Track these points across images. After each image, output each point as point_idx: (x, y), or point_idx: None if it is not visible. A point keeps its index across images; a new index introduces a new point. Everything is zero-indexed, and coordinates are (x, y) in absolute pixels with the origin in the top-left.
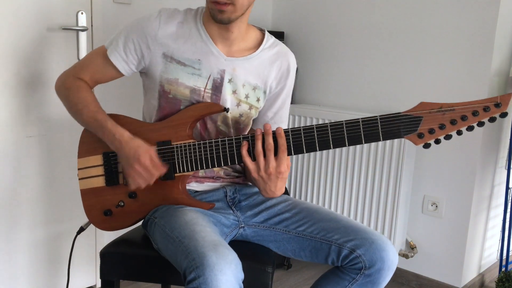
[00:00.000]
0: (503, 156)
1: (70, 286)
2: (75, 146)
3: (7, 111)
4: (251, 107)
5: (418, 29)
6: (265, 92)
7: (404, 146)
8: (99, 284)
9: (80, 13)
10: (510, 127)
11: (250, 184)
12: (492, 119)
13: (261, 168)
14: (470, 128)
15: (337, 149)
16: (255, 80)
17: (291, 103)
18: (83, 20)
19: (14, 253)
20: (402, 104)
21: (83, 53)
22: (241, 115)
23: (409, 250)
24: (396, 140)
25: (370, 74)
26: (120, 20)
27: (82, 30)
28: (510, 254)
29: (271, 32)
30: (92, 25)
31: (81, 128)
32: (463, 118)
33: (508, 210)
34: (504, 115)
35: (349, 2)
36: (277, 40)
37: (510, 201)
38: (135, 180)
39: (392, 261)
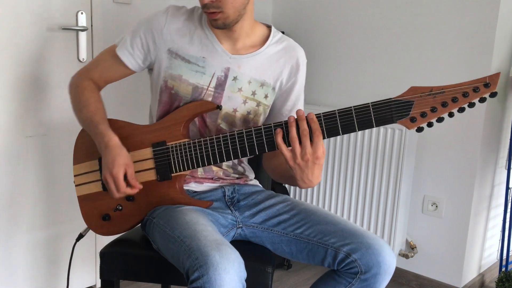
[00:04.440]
0: (503, 156)
1: (70, 286)
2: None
3: (7, 111)
4: (258, 104)
5: (418, 29)
6: (274, 89)
7: (404, 146)
8: (99, 284)
9: (80, 13)
10: (510, 127)
11: (250, 183)
12: (482, 99)
13: (297, 154)
14: (461, 110)
15: (337, 149)
16: (262, 76)
17: None
18: (83, 20)
19: (14, 253)
20: None
21: (83, 53)
22: (249, 112)
23: (409, 250)
24: (396, 139)
25: (370, 74)
26: (120, 20)
27: (82, 30)
28: (510, 254)
29: None
30: (92, 25)
31: (80, 128)
32: (454, 99)
33: (508, 210)
34: (493, 94)
35: (349, 2)
36: (285, 36)
37: (510, 201)
38: (107, 186)
39: (389, 265)
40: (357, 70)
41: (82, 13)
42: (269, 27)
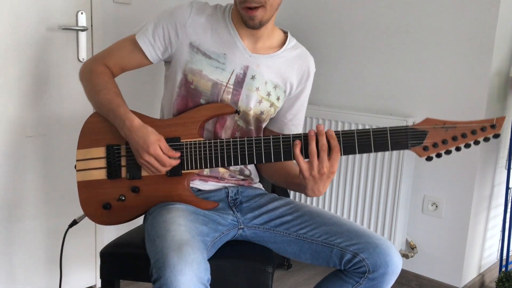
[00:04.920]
0: (503, 156)
1: (70, 286)
2: (75, 146)
3: (7, 111)
4: (271, 104)
5: (418, 29)
6: (285, 92)
7: None
8: (99, 284)
9: (80, 13)
10: (510, 127)
11: (254, 186)
12: (486, 139)
13: (314, 168)
14: (467, 146)
15: None
16: (277, 78)
17: None
18: (83, 20)
19: (14, 252)
20: (402, 104)
21: (83, 53)
22: (262, 112)
23: (409, 250)
24: None
25: (370, 74)
26: (120, 20)
27: (82, 30)
28: (510, 254)
29: None
30: (92, 25)
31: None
32: (463, 135)
33: (508, 210)
34: (496, 136)
35: (350, 2)
36: (299, 43)
37: (510, 201)
38: (147, 169)
39: (396, 265)
40: (357, 70)
41: (82, 13)
42: (285, 32)
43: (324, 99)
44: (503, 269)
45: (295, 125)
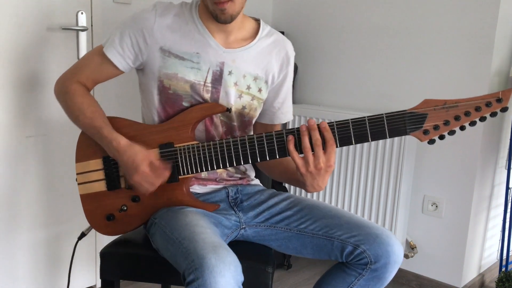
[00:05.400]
0: (503, 156)
1: (70, 286)
2: (74, 146)
3: (7, 111)
4: (253, 97)
5: (418, 29)
6: (266, 82)
7: (404, 146)
8: (99, 284)
9: (80, 13)
10: (510, 127)
11: (253, 183)
12: (493, 114)
13: (310, 163)
14: (473, 123)
15: (337, 149)
16: (256, 70)
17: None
18: (83, 20)
19: (14, 253)
20: (402, 104)
21: (83, 53)
22: (244, 107)
23: (409, 250)
24: (396, 140)
25: (370, 74)
26: (120, 20)
27: (82, 30)
28: (510, 254)
29: None
30: (92, 25)
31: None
32: (467, 113)
33: (508, 210)
34: (504, 109)
35: (350, 2)
36: (273, 29)
37: (510, 201)
38: (139, 188)
39: (397, 255)
40: (357, 70)
41: (82, 13)
42: (257, 20)
43: (324, 99)
44: (503, 269)
45: (284, 113)
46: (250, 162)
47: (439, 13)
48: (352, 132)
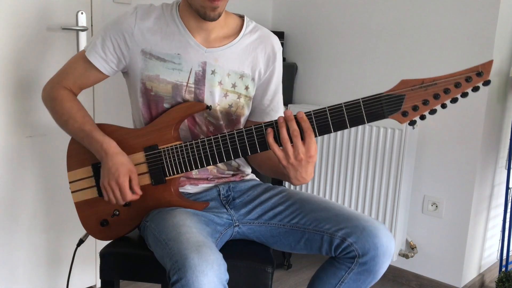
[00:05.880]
0: (503, 156)
1: (70, 286)
2: None
3: (7, 111)
4: (239, 96)
5: (418, 29)
6: (253, 79)
7: (404, 146)
8: (99, 284)
9: (80, 13)
10: (510, 127)
11: (244, 180)
12: (475, 89)
13: (290, 155)
14: (454, 100)
15: (337, 149)
16: (241, 67)
17: (290, 103)
18: (83, 20)
19: (14, 254)
20: None
21: None
22: (230, 106)
23: (409, 250)
24: (396, 140)
25: (370, 74)
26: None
27: (82, 30)
28: (510, 254)
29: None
30: (92, 25)
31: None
32: (446, 91)
33: (508, 210)
34: (487, 83)
35: (349, 2)
36: (258, 25)
37: (510, 201)
38: (106, 194)
39: (386, 246)
40: (357, 70)
41: (82, 13)
42: (241, 17)
43: (323, 99)
44: (503, 269)
45: (275, 109)
46: (233, 158)
47: (439, 13)
48: (330, 120)
